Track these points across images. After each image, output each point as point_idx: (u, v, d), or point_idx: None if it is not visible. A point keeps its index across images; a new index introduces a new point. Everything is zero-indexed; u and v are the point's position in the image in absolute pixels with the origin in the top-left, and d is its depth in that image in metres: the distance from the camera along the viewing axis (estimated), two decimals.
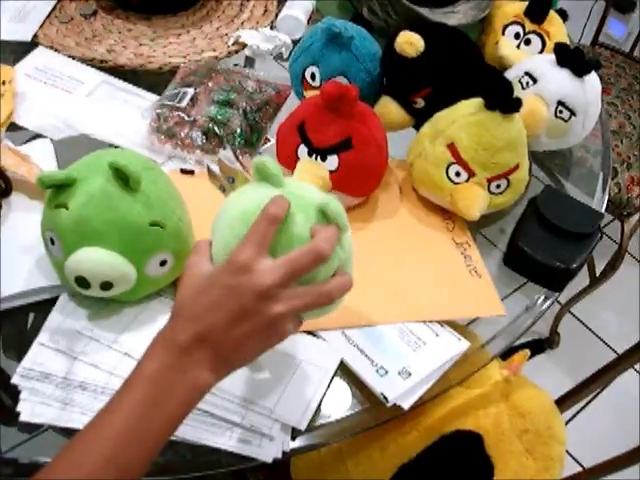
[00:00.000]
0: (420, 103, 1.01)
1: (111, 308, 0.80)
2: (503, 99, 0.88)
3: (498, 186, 0.93)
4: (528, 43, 1.14)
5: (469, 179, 0.92)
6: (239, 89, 1.05)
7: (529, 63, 1.05)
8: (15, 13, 1.20)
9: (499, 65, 1.13)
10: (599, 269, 1.84)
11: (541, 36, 1.14)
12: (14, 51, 1.14)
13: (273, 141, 0.98)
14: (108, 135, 1.01)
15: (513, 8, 1.17)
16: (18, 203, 0.89)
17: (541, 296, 0.94)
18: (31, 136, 1.00)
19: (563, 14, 1.17)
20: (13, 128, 1.01)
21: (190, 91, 1.03)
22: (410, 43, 0.96)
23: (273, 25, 1.28)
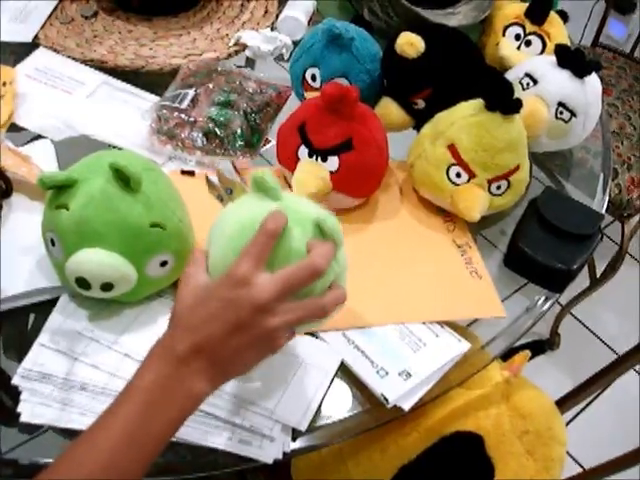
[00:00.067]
0: (420, 104, 1.01)
1: (111, 309, 0.80)
2: (503, 100, 0.88)
3: (498, 187, 0.93)
4: (528, 44, 1.14)
5: (469, 180, 0.92)
6: (240, 90, 1.05)
7: (529, 64, 1.05)
8: (16, 14, 1.21)
9: (499, 66, 1.13)
10: (599, 270, 1.84)
11: (541, 37, 1.14)
12: (15, 52, 1.14)
13: (273, 142, 0.98)
14: (108, 136, 1.01)
15: (514, 9, 1.17)
16: (19, 204, 0.89)
17: (541, 297, 0.93)
18: (32, 137, 1.00)
19: (563, 15, 1.17)
20: (14, 129, 1.01)
21: (191, 92, 1.03)
22: (410, 44, 0.96)
23: (274, 26, 1.28)
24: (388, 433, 0.99)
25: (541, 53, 1.14)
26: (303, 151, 0.91)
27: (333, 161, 0.89)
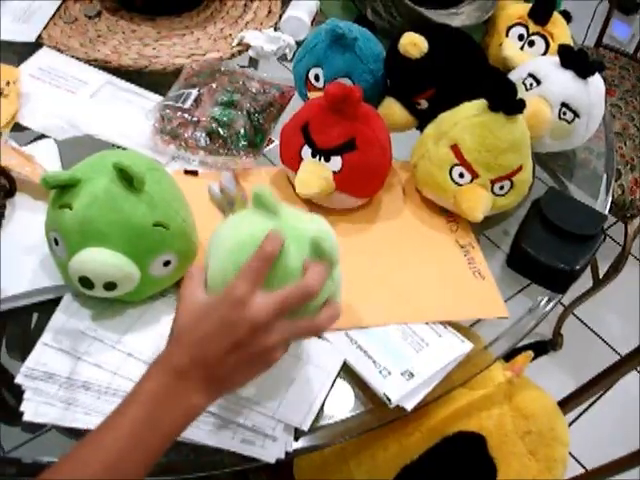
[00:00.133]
0: (424, 104, 1.01)
1: (115, 308, 0.80)
2: (507, 100, 0.88)
3: (502, 187, 0.93)
4: (532, 44, 1.14)
5: (473, 180, 0.92)
6: (243, 90, 1.05)
7: (533, 64, 1.05)
8: (19, 14, 1.21)
9: (503, 66, 1.13)
10: (602, 271, 1.84)
11: (545, 37, 1.14)
12: (18, 52, 1.14)
13: (277, 142, 0.98)
14: (112, 136, 1.02)
15: (517, 9, 1.17)
16: (22, 203, 0.89)
17: (544, 298, 0.93)
18: (35, 136, 1.00)
19: (567, 15, 1.17)
20: (17, 128, 1.01)
21: (194, 92, 1.03)
22: (414, 44, 0.96)
23: (277, 26, 1.28)
24: (390, 433, 0.99)
25: (544, 53, 1.14)
26: (306, 151, 0.91)
27: (336, 161, 0.89)
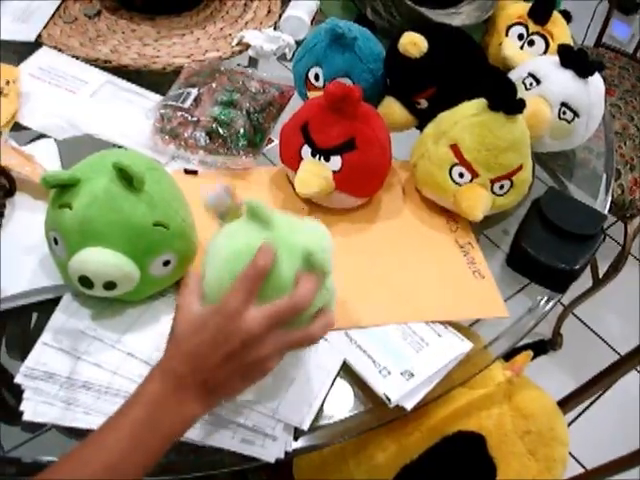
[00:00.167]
0: (423, 104, 1.01)
1: (114, 308, 0.80)
2: (506, 100, 0.88)
3: (501, 187, 0.93)
4: (531, 44, 1.14)
5: (472, 180, 0.92)
6: (243, 89, 1.05)
7: (532, 64, 1.05)
8: (19, 13, 1.21)
9: (502, 66, 1.13)
10: (602, 271, 1.84)
11: (544, 37, 1.14)
12: (18, 51, 1.14)
13: (276, 142, 0.98)
14: (112, 135, 1.02)
15: (517, 9, 1.17)
16: (22, 203, 0.89)
17: (544, 297, 0.93)
18: (35, 136, 1.00)
19: (567, 15, 1.17)
20: (17, 128, 1.01)
21: (194, 91, 1.03)
22: (414, 44, 0.96)
23: (277, 26, 1.28)
24: (390, 433, 0.99)
25: (544, 53, 1.14)
26: (306, 150, 0.91)
27: (336, 161, 0.89)
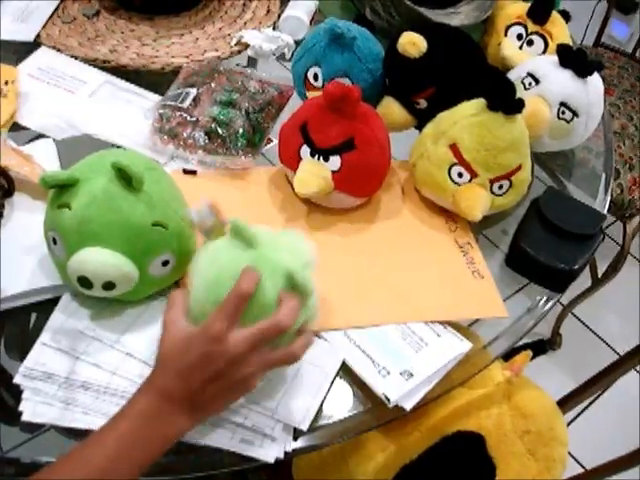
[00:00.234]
0: (423, 104, 1.01)
1: (113, 308, 0.80)
2: (505, 100, 0.88)
3: (500, 187, 0.93)
4: (530, 44, 1.14)
5: (471, 180, 0.92)
6: (242, 89, 1.05)
7: (531, 64, 1.05)
8: (18, 13, 1.21)
9: (502, 66, 1.13)
10: (601, 270, 1.84)
11: (543, 37, 1.14)
12: (17, 51, 1.14)
13: (275, 141, 0.98)
14: (111, 135, 1.01)
15: (516, 9, 1.17)
16: (21, 203, 0.89)
17: (543, 297, 0.93)
18: (34, 136, 1.00)
19: (565, 15, 1.17)
20: (16, 128, 1.01)
21: (193, 91, 1.03)
22: (413, 44, 0.96)
23: (276, 25, 1.28)
24: (390, 432, 0.99)
25: (543, 53, 1.14)
26: (305, 150, 0.91)
27: (335, 160, 0.89)
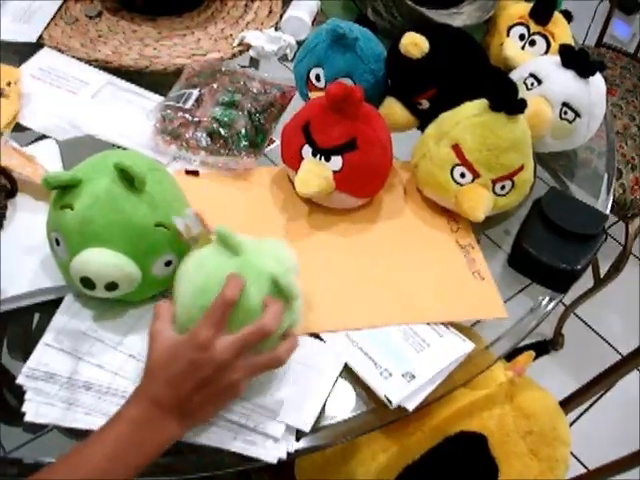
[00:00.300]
0: (425, 104, 1.01)
1: (116, 309, 0.80)
2: (508, 100, 0.88)
3: (503, 187, 0.93)
4: (533, 44, 1.14)
5: (474, 180, 0.92)
6: (244, 90, 1.05)
7: (534, 64, 1.05)
8: (20, 14, 1.21)
9: (504, 66, 1.13)
10: (603, 271, 1.84)
11: (546, 37, 1.14)
12: (19, 52, 1.14)
13: (278, 142, 0.98)
14: (113, 136, 1.02)
15: (518, 9, 1.17)
16: (23, 204, 0.89)
17: (545, 297, 0.93)
18: (36, 137, 1.00)
19: (567, 15, 1.17)
20: (18, 129, 1.01)
21: (195, 92, 1.03)
22: (415, 44, 0.96)
23: (278, 26, 1.28)
24: (392, 433, 0.99)
25: (545, 53, 1.14)
26: (307, 150, 0.91)
27: (336, 161, 0.89)
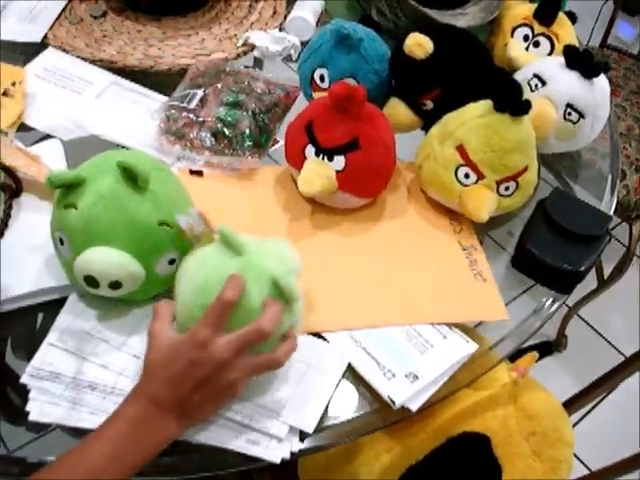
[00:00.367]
0: (429, 105, 1.01)
1: (120, 309, 0.80)
2: (512, 101, 0.88)
3: (507, 188, 0.93)
4: (537, 45, 1.14)
5: (478, 181, 0.92)
6: (248, 90, 1.05)
7: (538, 65, 1.05)
8: (25, 14, 1.21)
9: (508, 67, 1.12)
10: (607, 272, 1.84)
11: (550, 38, 1.13)
12: (24, 52, 1.14)
13: (282, 142, 0.98)
14: (118, 136, 1.02)
15: (522, 10, 1.16)
16: (28, 203, 0.89)
17: (549, 299, 0.93)
18: (41, 137, 1.00)
19: (572, 16, 1.16)
20: (23, 129, 1.01)
21: (199, 92, 1.03)
22: (419, 45, 0.96)
23: (282, 26, 1.28)
24: (395, 433, 0.99)
25: (549, 54, 1.14)
26: (310, 150, 0.91)
27: (339, 160, 0.89)
